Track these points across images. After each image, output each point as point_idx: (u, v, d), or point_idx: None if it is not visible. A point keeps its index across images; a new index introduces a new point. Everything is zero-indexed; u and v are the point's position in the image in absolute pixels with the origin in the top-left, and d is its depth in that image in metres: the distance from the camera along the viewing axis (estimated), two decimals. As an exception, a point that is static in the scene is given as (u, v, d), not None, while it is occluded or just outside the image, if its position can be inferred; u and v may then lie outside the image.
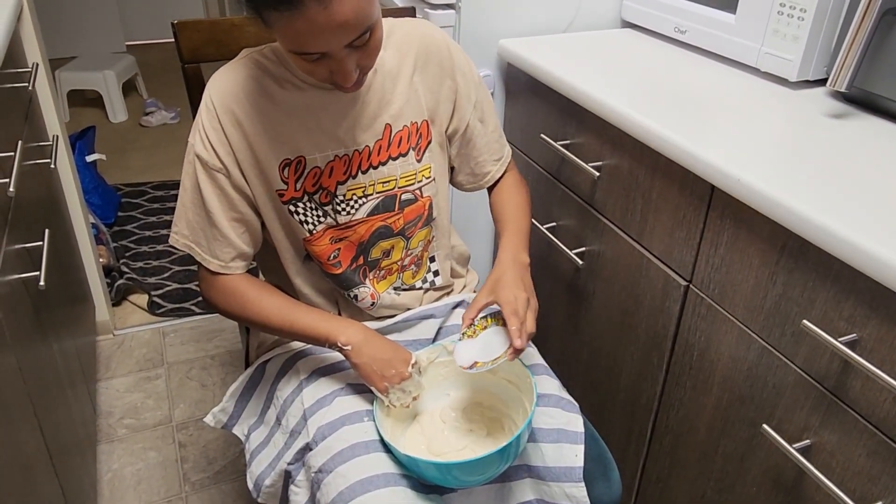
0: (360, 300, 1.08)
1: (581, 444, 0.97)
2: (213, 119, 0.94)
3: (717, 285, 1.02)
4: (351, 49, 0.83)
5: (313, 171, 0.98)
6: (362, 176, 1.01)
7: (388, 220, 1.05)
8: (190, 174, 0.97)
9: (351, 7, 0.78)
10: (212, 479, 1.67)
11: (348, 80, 0.87)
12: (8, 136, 1.27)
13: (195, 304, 2.26)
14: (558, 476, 0.96)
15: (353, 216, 1.02)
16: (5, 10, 1.43)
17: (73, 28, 4.39)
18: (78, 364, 1.61)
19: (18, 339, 1.06)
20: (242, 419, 1.12)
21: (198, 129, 0.95)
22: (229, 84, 0.95)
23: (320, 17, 0.77)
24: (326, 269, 1.05)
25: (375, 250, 1.07)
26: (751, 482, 1.03)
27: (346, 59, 0.84)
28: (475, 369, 0.94)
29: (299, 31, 0.78)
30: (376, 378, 0.95)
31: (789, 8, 1.16)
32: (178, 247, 1.00)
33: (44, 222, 1.43)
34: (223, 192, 0.96)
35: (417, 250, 1.11)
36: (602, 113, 1.17)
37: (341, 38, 0.80)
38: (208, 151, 0.94)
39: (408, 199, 1.05)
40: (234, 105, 0.94)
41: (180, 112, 3.70)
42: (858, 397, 0.84)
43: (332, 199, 1.00)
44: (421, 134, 1.04)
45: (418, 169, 1.05)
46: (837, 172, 0.94)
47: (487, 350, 0.96)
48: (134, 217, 2.75)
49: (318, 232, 1.02)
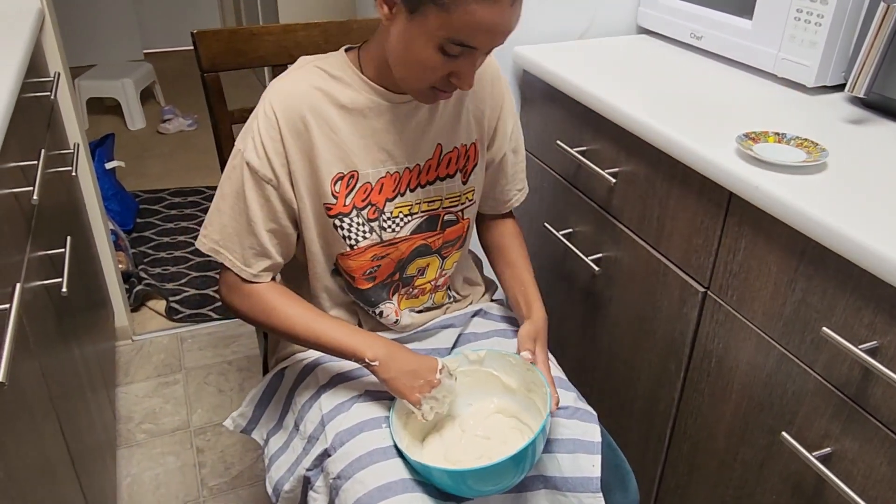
0: (384, 316, 1.08)
1: (598, 454, 0.97)
2: (272, 128, 0.92)
3: (736, 292, 1.02)
4: (482, 55, 0.87)
5: (364, 186, 0.98)
6: (410, 194, 1.01)
7: (429, 240, 1.06)
8: (234, 180, 0.95)
9: (519, 13, 0.84)
10: (229, 485, 1.68)
11: (469, 84, 0.88)
12: (31, 145, 1.29)
13: (213, 309, 2.28)
14: (575, 486, 0.96)
15: (398, 234, 1.02)
16: (28, 21, 1.45)
17: (91, 36, 4.45)
18: (98, 369, 1.63)
19: (42, 345, 1.08)
20: (261, 424, 1.13)
21: (251, 136, 0.93)
22: (293, 93, 0.93)
23: (506, 14, 0.81)
24: (357, 284, 1.04)
25: (412, 267, 1.07)
26: (770, 490, 1.03)
27: (480, 62, 0.88)
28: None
29: (481, 20, 0.80)
30: (407, 391, 0.94)
31: (806, 13, 1.16)
32: (205, 250, 0.98)
33: (65, 229, 1.45)
34: (268, 202, 0.95)
35: (450, 271, 1.13)
36: (618, 119, 1.17)
37: (502, 38, 0.85)
38: (261, 160, 0.92)
39: (450, 219, 1.06)
40: (297, 115, 0.92)
41: (197, 119, 3.74)
42: (880, 405, 0.83)
43: (380, 216, 1.00)
44: (468, 156, 1.05)
45: (463, 191, 1.06)
46: (856, 178, 0.94)
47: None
48: (152, 223, 2.77)
49: (361, 248, 1.01)
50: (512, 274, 1.14)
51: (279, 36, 1.22)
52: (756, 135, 1.01)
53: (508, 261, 1.15)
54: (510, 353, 1.04)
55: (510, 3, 0.80)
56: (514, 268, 1.14)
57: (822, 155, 0.95)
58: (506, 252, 1.16)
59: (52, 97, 1.53)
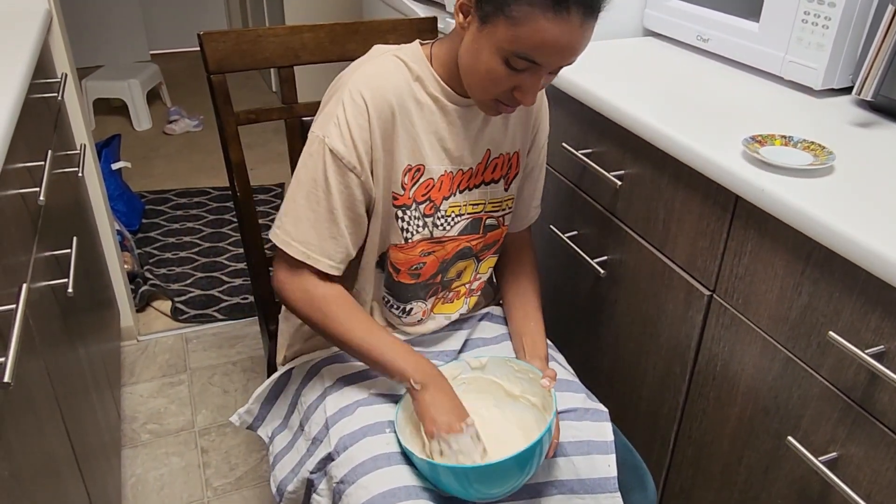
0: (411, 314, 1.08)
1: (612, 453, 0.97)
2: (360, 115, 0.91)
3: (741, 295, 1.02)
4: (553, 73, 0.87)
5: (427, 181, 0.99)
6: (460, 195, 1.02)
7: (472, 242, 1.07)
8: (313, 168, 0.93)
9: (588, 34, 0.83)
10: (234, 485, 1.69)
11: (531, 100, 0.89)
12: (38, 145, 1.29)
13: (217, 310, 2.29)
14: (592, 488, 0.96)
15: (448, 232, 1.03)
16: (35, 22, 1.46)
17: (98, 37, 4.47)
18: (103, 369, 1.63)
19: (47, 345, 1.08)
20: (267, 421, 1.13)
21: (336, 123, 0.91)
22: (382, 80, 0.93)
23: (574, 34, 0.81)
24: (400, 278, 1.04)
25: (452, 270, 1.08)
26: (775, 495, 1.02)
27: (545, 79, 0.87)
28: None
29: (547, 37, 0.81)
30: (428, 420, 0.93)
31: (814, 16, 1.15)
32: (277, 242, 0.96)
33: (72, 230, 1.45)
34: (349, 190, 0.94)
35: (485, 276, 1.13)
36: (624, 122, 1.17)
37: (568, 58, 0.84)
38: (347, 147, 0.91)
39: (491, 224, 1.08)
40: (385, 103, 0.92)
41: (203, 120, 3.74)
42: (886, 409, 0.83)
43: (435, 213, 1.01)
44: (511, 164, 1.07)
45: (504, 197, 1.08)
46: (863, 182, 0.93)
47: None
48: (158, 224, 2.78)
49: (414, 241, 1.01)
50: (521, 307, 1.13)
51: (285, 37, 1.22)
52: (763, 138, 1.01)
53: (521, 289, 1.15)
54: (512, 358, 1.04)
55: (579, 24, 0.81)
56: (524, 300, 1.14)
57: (829, 158, 0.95)
58: (520, 280, 1.16)
59: (59, 98, 1.54)
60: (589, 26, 0.83)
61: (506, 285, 1.17)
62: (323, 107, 0.97)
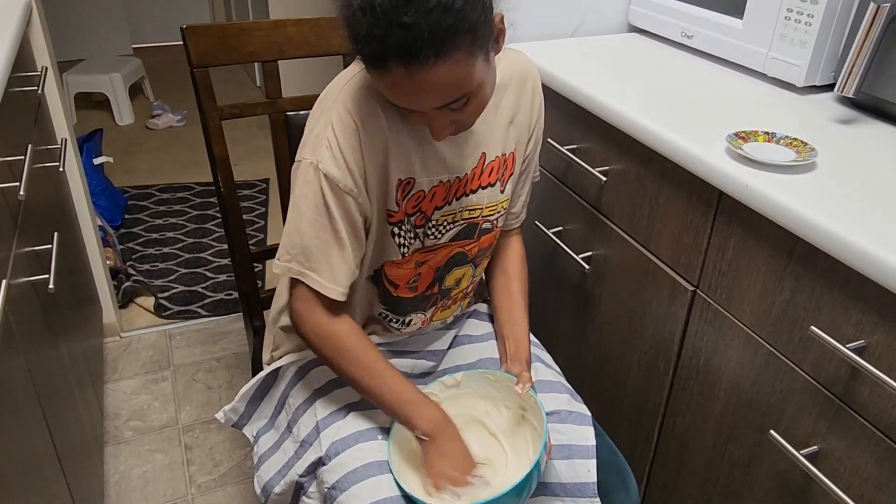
0: (411, 325, 1.08)
1: (593, 458, 0.97)
2: (350, 136, 0.88)
3: (725, 290, 1.02)
4: (445, 110, 0.82)
5: (418, 194, 0.96)
6: (455, 202, 1.00)
7: (465, 247, 1.05)
8: (311, 196, 0.89)
9: (440, 77, 0.76)
10: (218, 482, 1.68)
11: (438, 137, 0.86)
12: (18, 139, 1.28)
13: (201, 306, 2.27)
14: (573, 492, 0.96)
15: (438, 240, 1.01)
16: (15, 14, 1.44)
17: (80, 31, 4.41)
18: (85, 366, 1.62)
19: (28, 342, 1.07)
20: (253, 420, 1.12)
21: (328, 147, 0.88)
22: (364, 99, 0.89)
23: (404, 81, 0.77)
24: (399, 293, 1.03)
25: (450, 278, 1.06)
26: (758, 488, 1.03)
27: (438, 118, 0.83)
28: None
29: (388, 87, 0.79)
30: (436, 474, 0.91)
31: (797, 13, 1.16)
32: (292, 275, 0.93)
33: (52, 225, 1.43)
34: (348, 212, 0.91)
35: (478, 278, 1.13)
36: (609, 118, 1.17)
37: (429, 102, 0.80)
38: (342, 171, 0.88)
39: (486, 227, 1.06)
40: (374, 121, 0.89)
41: (187, 115, 3.71)
42: (866, 403, 0.84)
43: (426, 223, 0.99)
44: (507, 164, 1.04)
45: (500, 200, 1.05)
46: (845, 178, 0.94)
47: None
48: (140, 219, 2.76)
49: (409, 255, 1.00)
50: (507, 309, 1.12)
51: (269, 31, 1.21)
52: (746, 134, 1.01)
53: (509, 291, 1.14)
54: (486, 370, 1.04)
55: (408, 75, 0.76)
56: (511, 301, 1.13)
57: (812, 154, 0.96)
58: (509, 281, 1.15)
59: (39, 92, 1.52)
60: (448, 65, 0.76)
61: (494, 284, 1.17)
62: (312, 126, 0.92)
